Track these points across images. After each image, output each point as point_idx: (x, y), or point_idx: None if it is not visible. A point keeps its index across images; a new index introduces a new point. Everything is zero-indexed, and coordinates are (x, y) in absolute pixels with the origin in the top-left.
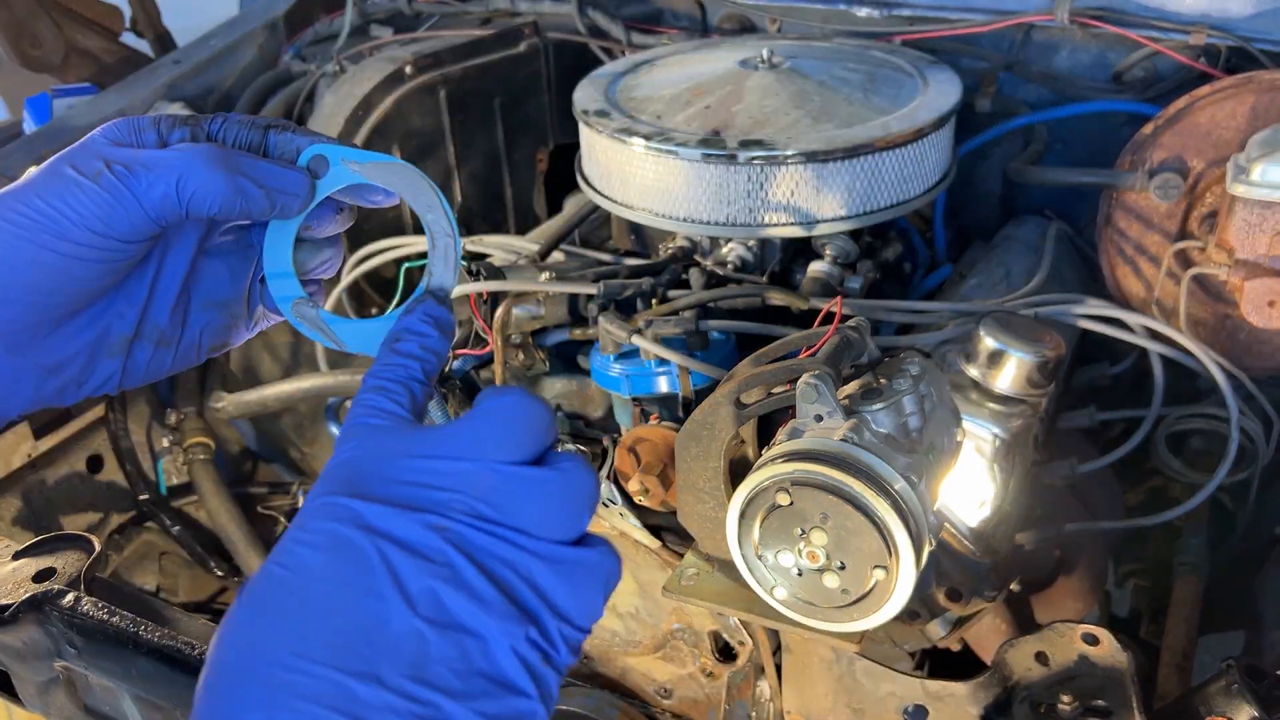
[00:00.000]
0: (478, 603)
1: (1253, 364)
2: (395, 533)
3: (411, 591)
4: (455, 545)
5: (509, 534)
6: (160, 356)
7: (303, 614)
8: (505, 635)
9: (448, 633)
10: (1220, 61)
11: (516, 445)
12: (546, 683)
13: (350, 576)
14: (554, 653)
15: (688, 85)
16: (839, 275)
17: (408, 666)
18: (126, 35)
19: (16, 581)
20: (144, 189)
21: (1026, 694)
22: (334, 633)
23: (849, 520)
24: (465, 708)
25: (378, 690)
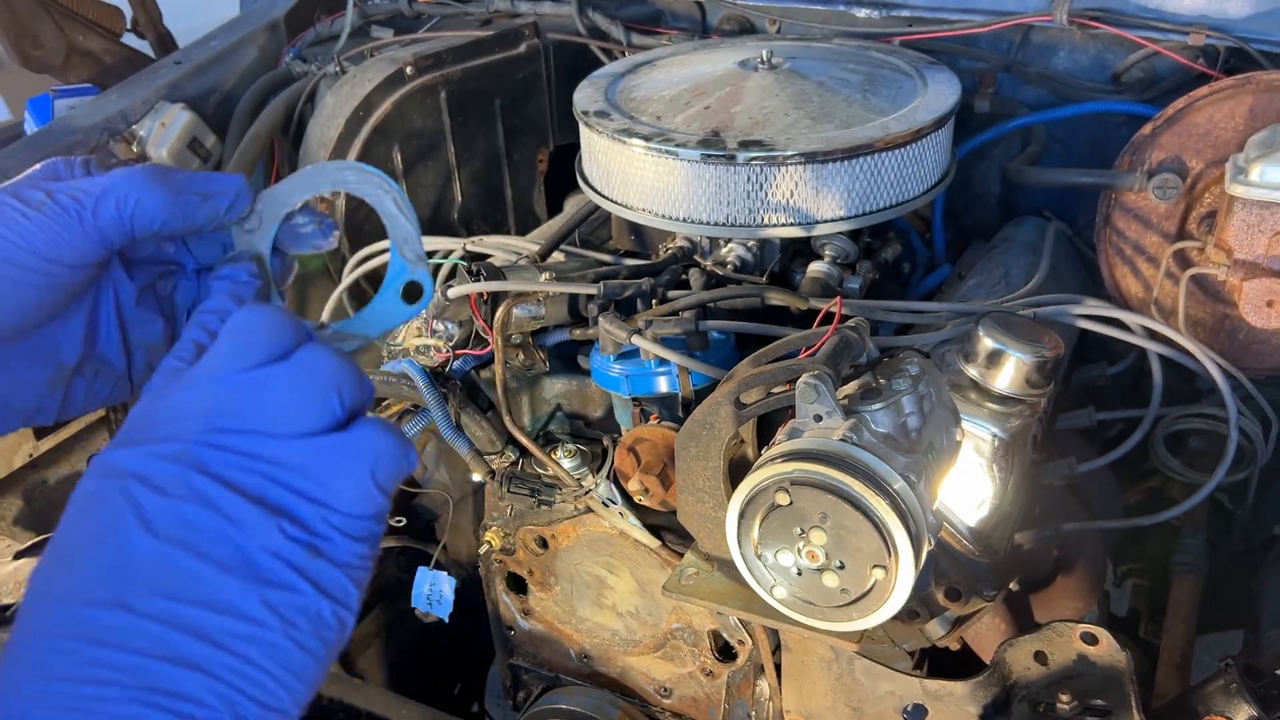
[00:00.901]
0: (218, 512)
1: (1251, 364)
2: (135, 468)
3: (152, 518)
4: (192, 464)
5: (245, 440)
6: (98, 389)
7: (56, 562)
8: (255, 536)
9: (197, 546)
10: (1218, 62)
11: (248, 352)
12: (326, 577)
13: (98, 518)
14: (323, 543)
15: (687, 86)
16: (838, 275)
17: (153, 587)
18: (128, 36)
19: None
20: (89, 212)
21: (1025, 693)
22: (82, 570)
23: (848, 520)
24: (211, 611)
25: (123, 614)
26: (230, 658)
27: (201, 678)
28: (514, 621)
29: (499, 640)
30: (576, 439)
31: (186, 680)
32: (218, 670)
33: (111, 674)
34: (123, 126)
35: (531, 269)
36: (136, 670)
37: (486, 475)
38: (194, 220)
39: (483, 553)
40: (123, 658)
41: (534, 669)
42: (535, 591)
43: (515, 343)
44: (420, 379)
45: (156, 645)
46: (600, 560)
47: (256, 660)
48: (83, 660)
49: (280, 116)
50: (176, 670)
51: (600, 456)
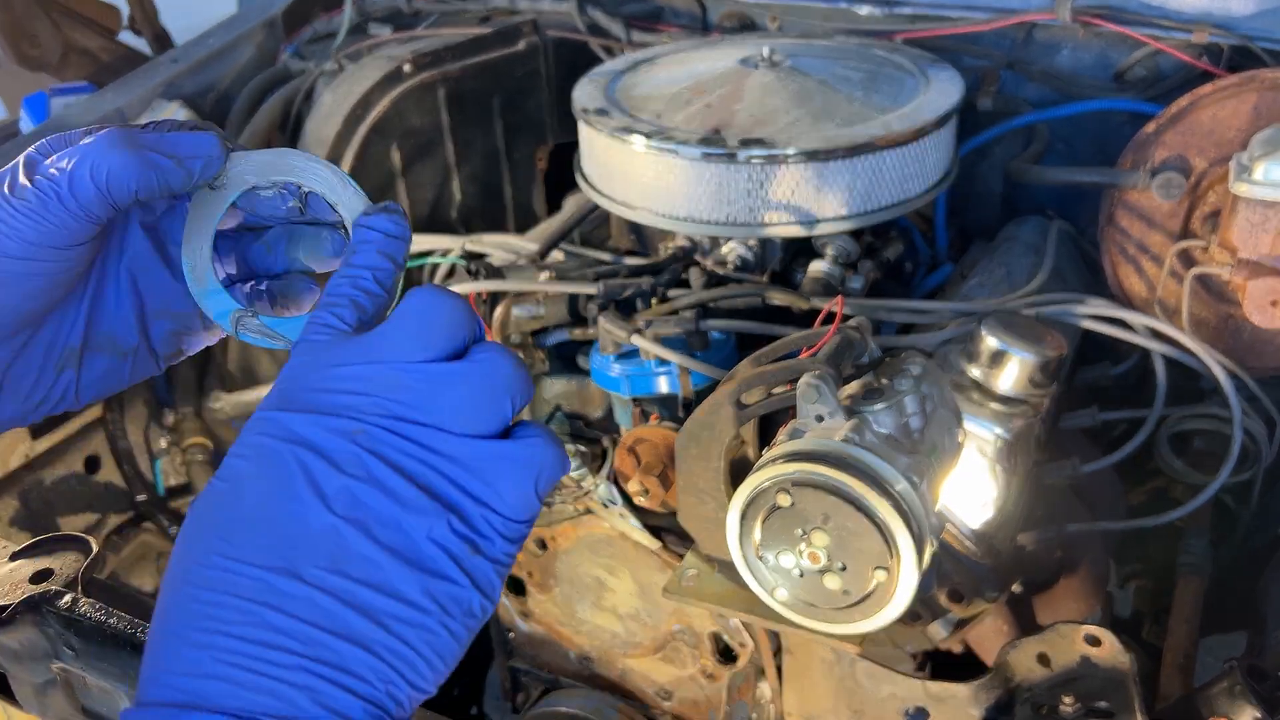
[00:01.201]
0: (392, 498)
1: (1255, 364)
2: (311, 439)
3: (327, 492)
4: (367, 447)
5: (422, 431)
6: (117, 367)
7: (230, 521)
8: (423, 526)
9: (366, 527)
10: (1222, 60)
11: (430, 342)
12: (480, 572)
13: (272, 482)
14: (483, 541)
15: (688, 84)
16: (840, 275)
17: (326, 560)
18: (124, 34)
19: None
20: (66, 190)
21: (1028, 695)
22: (257, 535)
23: (850, 521)
24: (374, 592)
25: (296, 584)
26: (392, 639)
27: (366, 655)
28: (513, 623)
29: (498, 642)
30: (576, 439)
31: (351, 656)
32: (380, 650)
33: (285, 640)
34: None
35: (531, 268)
36: (308, 640)
37: None
38: (170, 183)
39: None
40: (296, 626)
41: (533, 671)
42: (535, 593)
43: (515, 342)
44: None
45: (327, 618)
46: (600, 562)
47: (414, 644)
48: (258, 622)
49: (277, 114)
50: (344, 645)
51: (600, 457)
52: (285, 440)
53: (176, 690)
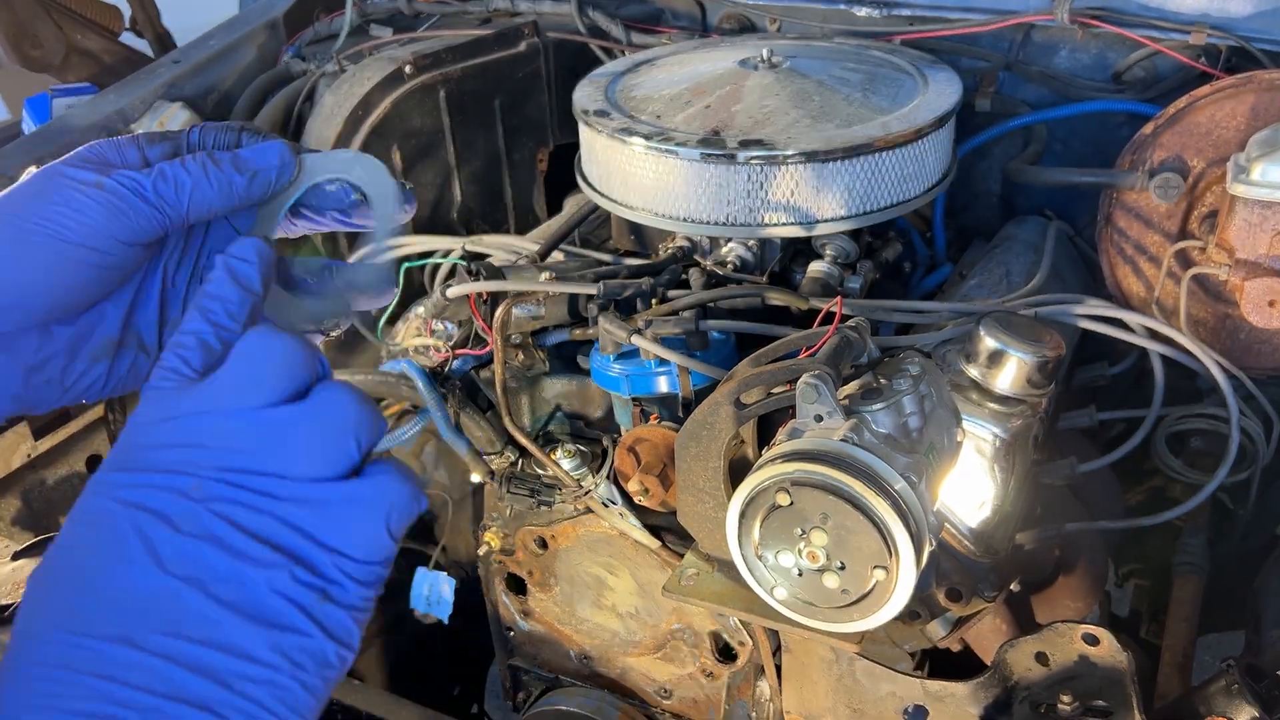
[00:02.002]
0: (230, 553)
1: (1253, 364)
2: (144, 500)
3: (162, 554)
4: (203, 502)
5: (262, 480)
6: (141, 364)
7: (66, 592)
8: (264, 579)
9: (209, 586)
10: (1220, 61)
11: (266, 386)
12: (333, 620)
13: (106, 548)
14: (334, 588)
15: (687, 85)
16: (839, 275)
17: (162, 625)
18: (126, 35)
19: (16, 582)
20: (149, 191)
21: (1026, 694)
22: (92, 605)
23: (849, 520)
24: (219, 653)
25: (133, 651)
26: (239, 699)
27: (210, 719)
28: (513, 622)
29: (498, 641)
30: (576, 439)
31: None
32: (226, 712)
33: (123, 712)
34: (121, 126)
35: (531, 269)
36: (147, 709)
37: (486, 476)
38: (249, 197)
39: (482, 553)
40: (134, 695)
41: (534, 670)
42: (535, 592)
43: (515, 343)
44: (419, 379)
45: (165, 684)
46: (600, 561)
47: (264, 702)
48: (92, 694)
49: (279, 115)
50: (186, 710)
51: (600, 457)
52: (120, 503)
53: None
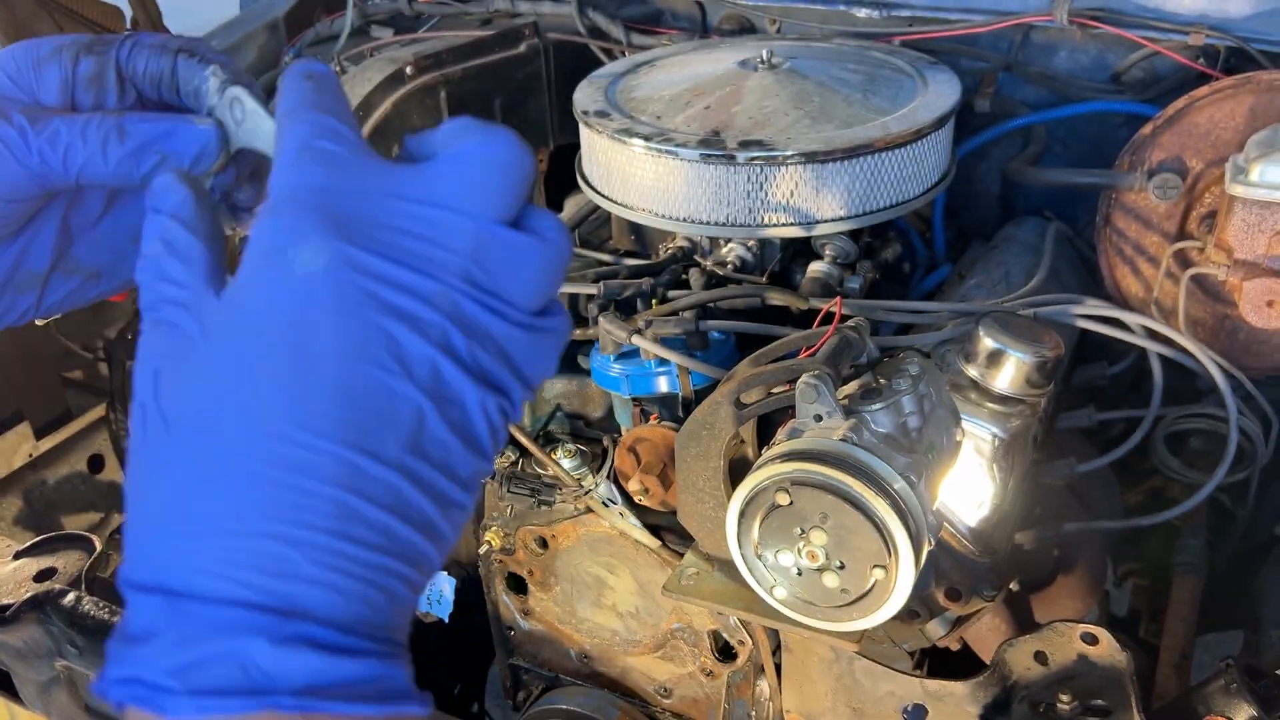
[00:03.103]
0: (466, 374)
1: (1251, 364)
2: (395, 301)
3: (411, 362)
4: (450, 314)
5: (496, 303)
6: (85, 288)
7: (301, 382)
8: (481, 406)
9: (442, 405)
10: (1219, 62)
11: (503, 201)
12: (500, 445)
13: (350, 344)
14: (513, 416)
15: (687, 86)
16: (838, 275)
17: (404, 440)
18: None
19: (18, 581)
20: (31, 155)
21: (1025, 693)
22: (337, 406)
23: (848, 520)
24: (443, 476)
25: (379, 467)
26: (446, 526)
27: (430, 548)
28: (514, 621)
29: (499, 640)
30: (576, 439)
31: (422, 551)
32: (439, 541)
33: (370, 535)
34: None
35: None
36: (390, 534)
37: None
38: (148, 176)
39: (482, 553)
40: (380, 517)
41: (534, 669)
42: (535, 591)
43: None
44: None
45: (405, 508)
46: (600, 560)
47: (454, 532)
48: (348, 514)
49: None
50: (418, 538)
51: (600, 456)
52: (367, 295)
53: (270, 595)
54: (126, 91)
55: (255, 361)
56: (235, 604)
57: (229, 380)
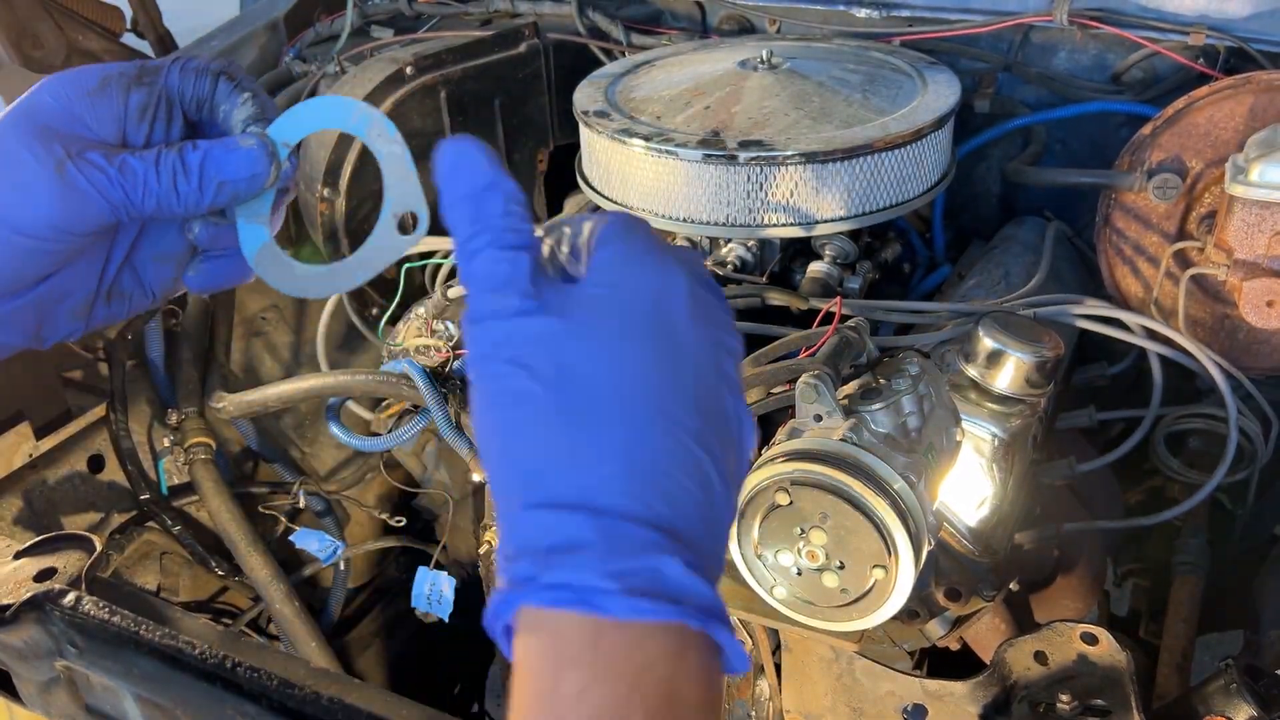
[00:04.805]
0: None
1: (1251, 364)
2: (726, 337)
3: (734, 379)
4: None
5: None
6: (115, 309)
7: (674, 359)
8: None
9: (738, 414)
10: (1219, 62)
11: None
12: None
13: (710, 352)
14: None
15: (687, 86)
16: (838, 275)
17: (727, 436)
18: (128, 36)
19: (17, 581)
20: (114, 190)
21: (1025, 693)
22: (699, 399)
23: (848, 520)
24: (735, 452)
25: (711, 429)
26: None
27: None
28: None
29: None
30: None
31: (732, 501)
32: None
33: (712, 486)
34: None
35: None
36: (714, 486)
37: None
38: (215, 205)
39: (483, 553)
40: (714, 472)
41: None
42: None
43: None
44: (420, 379)
45: (718, 466)
46: None
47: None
48: (698, 466)
49: None
50: (730, 492)
51: None
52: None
53: (674, 523)
54: (175, 118)
55: (644, 344)
56: (653, 526)
57: (624, 355)
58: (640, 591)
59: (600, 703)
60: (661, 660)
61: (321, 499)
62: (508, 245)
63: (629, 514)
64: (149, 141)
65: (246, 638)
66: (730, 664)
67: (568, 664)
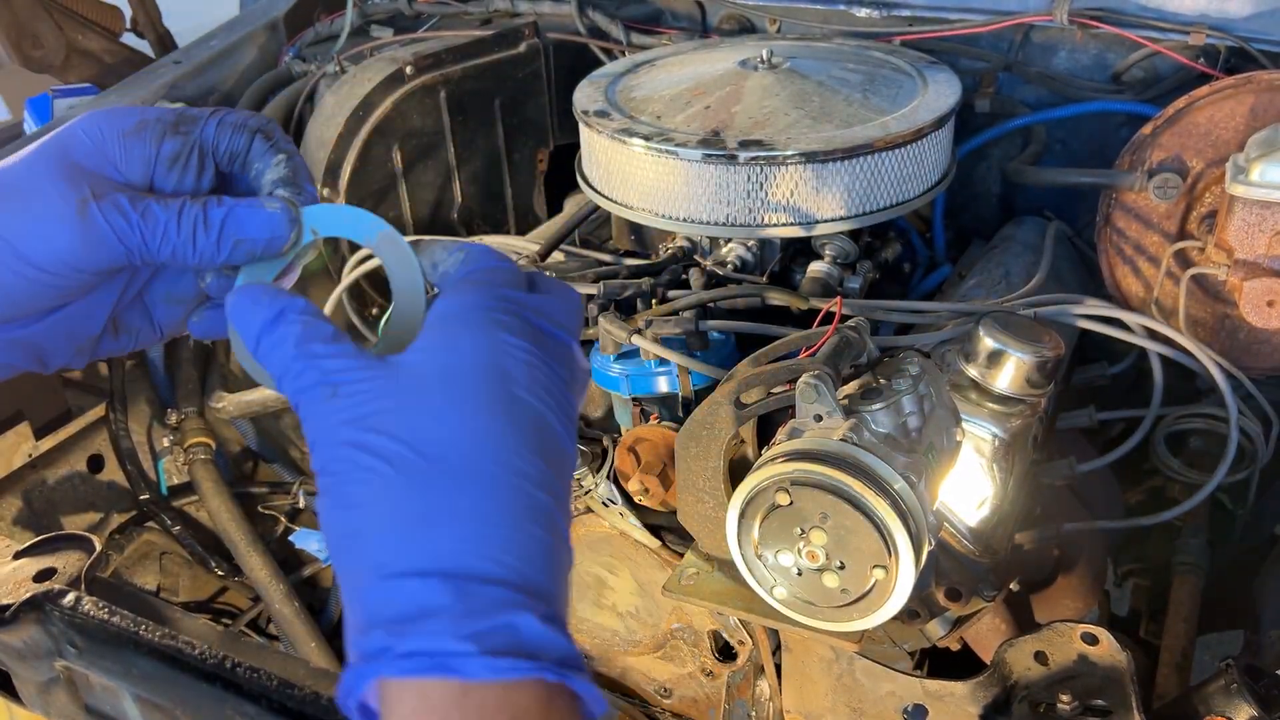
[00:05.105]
0: (571, 419)
1: (1252, 364)
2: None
3: (568, 404)
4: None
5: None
6: (122, 343)
7: (514, 411)
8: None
9: (571, 441)
10: (1219, 62)
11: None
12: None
13: (545, 388)
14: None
15: (687, 86)
16: (838, 275)
17: (564, 469)
18: (127, 36)
19: (17, 581)
20: (133, 236)
21: (1026, 693)
22: (541, 444)
23: (848, 520)
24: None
25: (551, 475)
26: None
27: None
28: None
29: None
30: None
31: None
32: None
33: (559, 532)
34: None
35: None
36: (562, 530)
37: None
38: (230, 261)
39: None
40: (559, 518)
41: None
42: None
43: None
44: None
45: (562, 505)
46: (600, 560)
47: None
48: (547, 514)
49: (280, 116)
50: (566, 534)
51: (600, 456)
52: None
53: (526, 579)
54: (206, 168)
55: (478, 400)
56: (506, 584)
57: (460, 415)
58: (499, 651)
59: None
60: (533, 709)
61: None
62: (324, 333)
63: (482, 575)
64: (177, 189)
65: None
66: (590, 711)
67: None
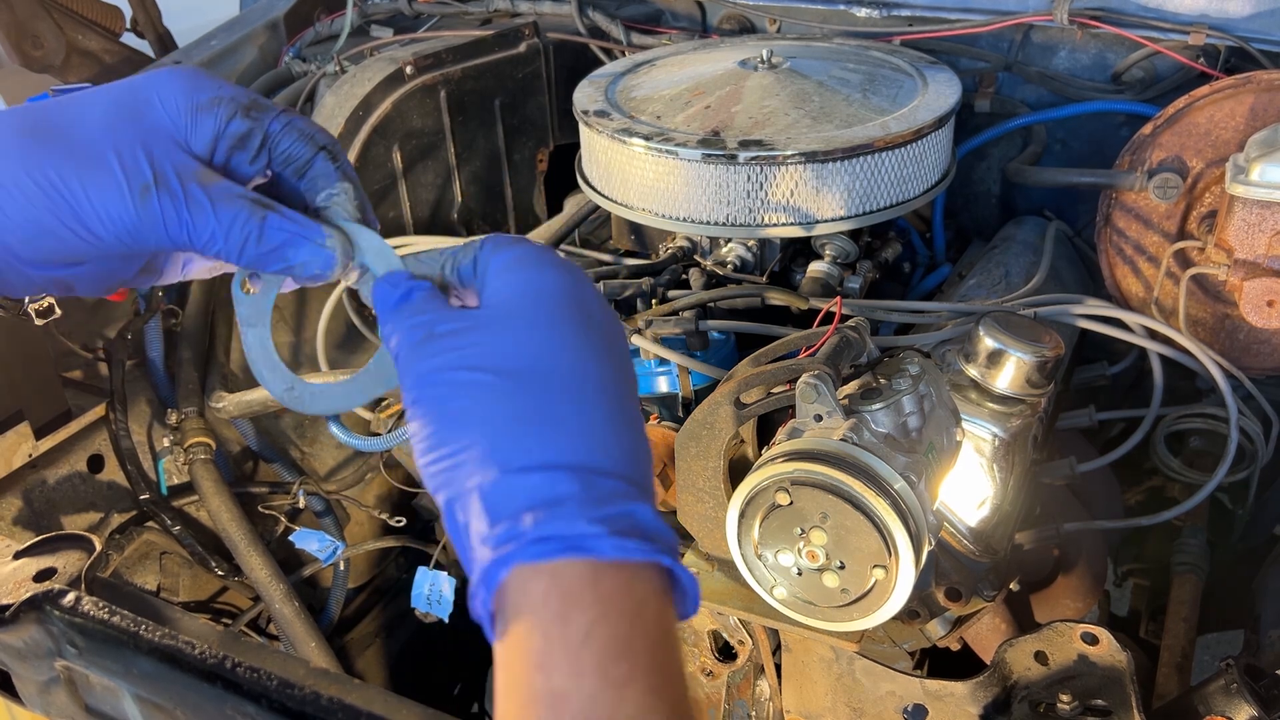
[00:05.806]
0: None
1: (1251, 364)
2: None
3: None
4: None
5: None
6: (146, 280)
7: (600, 340)
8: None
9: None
10: (1219, 62)
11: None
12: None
13: (614, 321)
14: None
15: (687, 86)
16: (838, 275)
17: (637, 388)
18: (127, 36)
19: (17, 581)
20: (180, 233)
21: (1026, 693)
22: (619, 362)
23: (848, 520)
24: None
25: (637, 407)
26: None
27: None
28: None
29: None
30: None
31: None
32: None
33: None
34: None
35: None
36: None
37: None
38: (269, 269)
39: None
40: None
41: None
42: None
43: None
44: None
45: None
46: None
47: None
48: (635, 422)
49: None
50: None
51: None
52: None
53: (634, 473)
54: (261, 159)
55: (567, 320)
56: (620, 477)
57: (554, 331)
58: (626, 533)
59: (607, 639)
60: (653, 598)
61: (321, 499)
62: (420, 286)
63: (600, 468)
64: (233, 169)
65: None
66: (688, 600)
67: (573, 605)
